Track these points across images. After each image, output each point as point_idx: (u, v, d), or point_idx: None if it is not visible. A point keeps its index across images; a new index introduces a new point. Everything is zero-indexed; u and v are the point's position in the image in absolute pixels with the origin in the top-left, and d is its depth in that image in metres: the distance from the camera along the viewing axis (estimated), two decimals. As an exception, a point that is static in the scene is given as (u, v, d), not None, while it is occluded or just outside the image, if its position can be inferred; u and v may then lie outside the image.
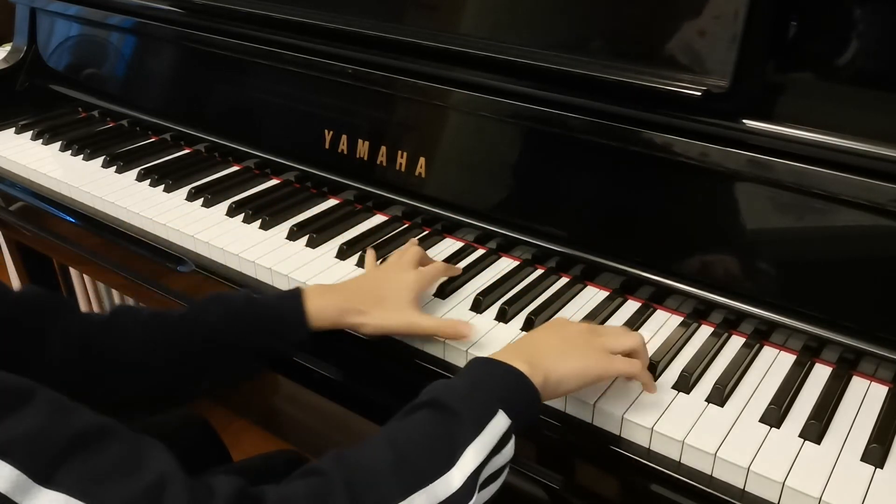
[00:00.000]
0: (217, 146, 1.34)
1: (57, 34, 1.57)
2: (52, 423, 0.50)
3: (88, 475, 0.50)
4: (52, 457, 0.49)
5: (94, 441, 0.52)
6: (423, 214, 1.11)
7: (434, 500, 0.60)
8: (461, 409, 0.65)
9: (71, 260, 1.47)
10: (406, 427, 0.66)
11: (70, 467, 0.49)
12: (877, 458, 0.72)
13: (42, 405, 0.51)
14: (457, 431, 0.64)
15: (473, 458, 0.63)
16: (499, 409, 0.66)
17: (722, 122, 0.85)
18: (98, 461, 0.51)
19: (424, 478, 0.61)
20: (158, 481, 0.52)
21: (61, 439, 0.50)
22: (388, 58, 1.09)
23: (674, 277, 0.92)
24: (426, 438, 0.64)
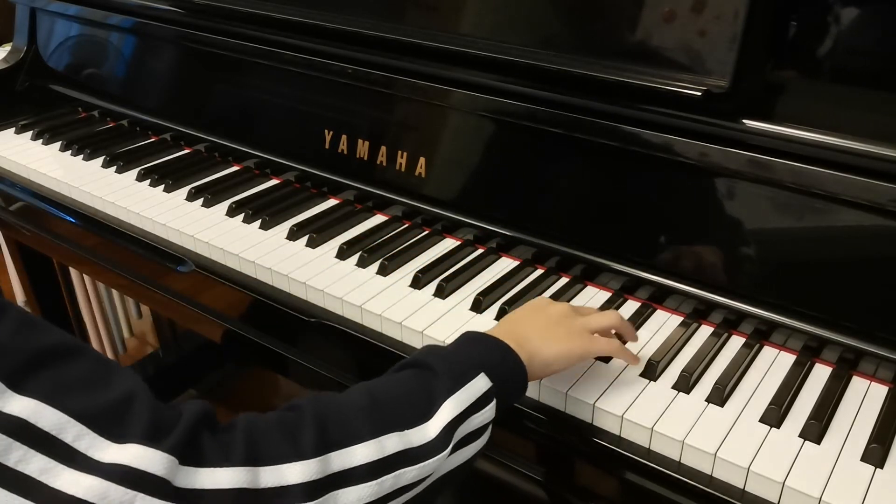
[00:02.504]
0: (217, 146, 1.34)
1: (57, 34, 1.57)
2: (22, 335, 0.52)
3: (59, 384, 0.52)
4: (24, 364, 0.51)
5: (64, 354, 0.54)
6: (423, 214, 1.10)
7: (407, 445, 0.63)
8: (441, 367, 0.67)
9: (71, 260, 1.48)
10: (387, 381, 0.68)
11: (41, 376, 0.51)
12: (877, 458, 0.72)
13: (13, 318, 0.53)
14: (435, 386, 0.66)
15: (449, 411, 0.65)
16: (480, 372, 0.68)
17: (722, 121, 0.85)
18: (68, 373, 0.53)
19: (399, 423, 0.63)
20: (127, 396, 0.54)
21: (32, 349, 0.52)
22: (388, 58, 1.09)
23: (674, 277, 0.92)
24: (404, 390, 0.66)
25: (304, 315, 0.98)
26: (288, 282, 1.01)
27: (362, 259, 1.02)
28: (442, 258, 1.03)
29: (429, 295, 0.96)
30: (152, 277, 1.17)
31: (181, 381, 2.07)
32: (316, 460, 0.58)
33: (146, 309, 2.17)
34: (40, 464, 0.50)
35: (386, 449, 0.62)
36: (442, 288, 0.96)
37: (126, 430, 0.52)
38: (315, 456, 0.59)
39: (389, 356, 0.91)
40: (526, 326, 0.78)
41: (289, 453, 0.58)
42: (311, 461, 0.58)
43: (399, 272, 1.01)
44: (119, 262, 1.22)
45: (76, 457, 0.50)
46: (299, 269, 1.02)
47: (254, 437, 0.58)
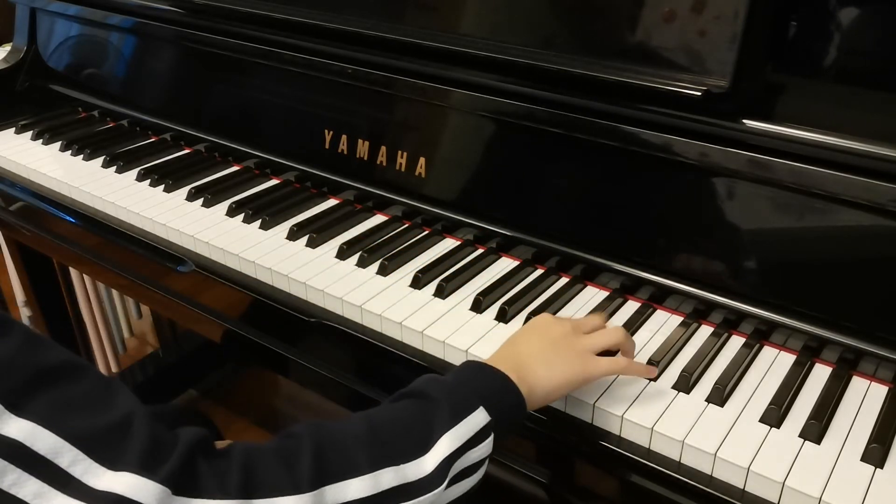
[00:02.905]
0: (217, 146, 1.34)
1: (57, 34, 1.57)
2: (23, 354, 0.52)
3: (57, 406, 0.52)
4: (23, 384, 0.51)
5: (64, 375, 0.53)
6: (423, 214, 1.10)
7: (402, 480, 0.62)
8: (440, 398, 0.67)
9: (71, 260, 1.48)
10: (385, 410, 0.68)
11: (40, 397, 0.51)
12: (877, 458, 0.72)
13: (16, 337, 0.53)
14: (433, 419, 0.65)
15: (447, 445, 0.64)
16: (479, 406, 0.67)
17: (722, 122, 0.85)
18: (67, 394, 0.53)
19: (395, 456, 0.63)
20: (125, 419, 0.53)
21: (32, 369, 0.52)
22: (388, 58, 1.09)
23: (674, 277, 0.92)
24: (403, 421, 0.66)
25: (304, 315, 0.98)
26: (288, 282, 1.01)
27: (362, 259, 1.02)
28: (442, 258, 1.03)
29: (429, 295, 0.96)
30: (152, 277, 1.17)
31: (181, 381, 2.07)
32: (310, 494, 0.58)
33: (146, 309, 2.17)
34: (34, 488, 0.49)
35: (381, 484, 0.61)
36: (442, 288, 0.96)
37: (122, 457, 0.52)
38: (310, 489, 0.58)
39: (389, 356, 0.91)
40: (528, 353, 0.76)
41: (284, 485, 0.58)
42: (306, 495, 0.58)
43: (399, 272, 1.01)
44: (119, 262, 1.22)
45: (71, 482, 0.50)
46: (299, 269, 1.02)
47: (250, 466, 0.57)
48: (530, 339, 0.78)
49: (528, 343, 0.78)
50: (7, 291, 2.16)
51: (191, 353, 2.10)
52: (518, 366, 0.74)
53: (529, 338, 0.79)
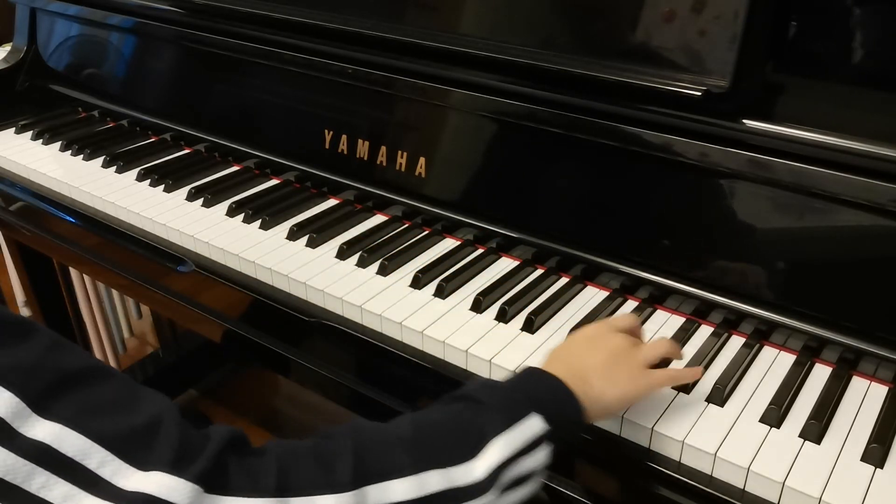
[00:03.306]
0: (217, 146, 1.34)
1: (57, 34, 1.57)
2: (49, 357, 0.52)
3: (84, 408, 0.51)
4: (49, 387, 0.50)
5: (91, 378, 0.53)
6: (423, 214, 1.10)
7: (450, 484, 0.59)
8: (493, 403, 0.63)
9: (71, 260, 1.48)
10: (433, 412, 0.64)
11: (66, 399, 0.50)
12: (877, 458, 0.72)
13: (42, 341, 0.52)
14: (485, 423, 0.62)
15: (499, 452, 0.61)
16: (532, 412, 0.64)
17: (722, 122, 0.85)
18: (94, 396, 0.52)
19: (442, 459, 0.59)
20: (154, 420, 0.52)
21: (58, 372, 0.51)
22: (388, 58, 1.09)
23: (674, 277, 0.92)
24: (451, 424, 0.62)
25: (304, 315, 0.98)
26: (288, 282, 1.01)
27: (362, 259, 1.02)
28: (442, 258, 1.03)
29: (429, 295, 0.96)
30: (152, 277, 1.17)
31: (181, 381, 2.07)
32: (351, 493, 0.55)
33: (146, 309, 2.17)
34: (63, 490, 0.49)
35: (427, 486, 0.58)
36: (442, 288, 0.96)
37: (151, 457, 0.51)
38: (351, 489, 0.56)
39: (389, 356, 0.91)
40: (586, 363, 0.72)
41: (322, 483, 0.55)
42: (346, 494, 0.55)
43: (399, 272, 1.01)
44: (119, 262, 1.22)
45: (99, 483, 0.49)
46: (299, 269, 1.02)
47: (286, 465, 0.55)
48: (588, 350, 0.74)
49: (586, 354, 0.74)
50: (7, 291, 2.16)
51: (191, 353, 2.10)
52: (577, 377, 0.70)
53: (587, 348, 0.75)
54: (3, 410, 0.48)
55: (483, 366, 0.86)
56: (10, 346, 0.51)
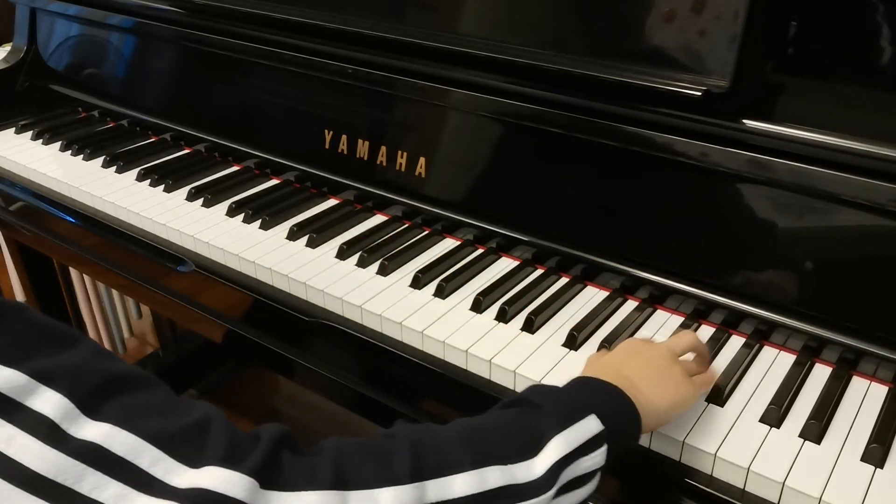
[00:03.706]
0: (217, 146, 1.34)
1: (57, 34, 1.57)
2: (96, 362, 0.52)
3: (133, 409, 0.50)
4: (97, 388, 0.50)
5: (138, 382, 0.52)
6: (423, 214, 1.10)
7: (510, 480, 0.58)
8: (550, 405, 0.63)
9: (71, 260, 1.47)
10: (490, 415, 0.64)
11: (115, 401, 0.50)
12: (877, 458, 0.72)
13: (88, 347, 0.53)
14: (541, 422, 0.62)
15: (557, 449, 0.61)
16: (591, 413, 0.64)
17: (722, 122, 0.85)
18: (142, 399, 0.52)
19: (502, 456, 0.59)
20: (203, 420, 0.52)
21: (105, 375, 0.51)
22: (388, 58, 1.09)
23: (674, 277, 0.92)
24: (508, 425, 0.62)
25: (304, 315, 0.98)
26: (288, 282, 1.01)
27: (362, 259, 1.02)
28: (442, 258, 1.03)
29: (429, 295, 0.96)
30: (152, 277, 1.17)
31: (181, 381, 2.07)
32: (411, 486, 0.55)
33: (146, 309, 2.17)
34: (115, 490, 0.48)
35: (487, 482, 0.57)
36: (442, 288, 0.96)
37: (203, 454, 0.50)
38: (410, 482, 0.55)
39: (389, 356, 0.91)
40: (632, 373, 0.72)
41: (381, 477, 0.54)
42: (406, 486, 0.54)
43: (399, 272, 1.01)
44: (119, 262, 1.22)
45: (152, 482, 0.49)
46: (299, 269, 1.02)
47: (342, 459, 0.55)
48: (632, 362, 0.74)
49: (631, 365, 0.74)
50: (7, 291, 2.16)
51: (191, 353, 2.10)
52: (627, 384, 0.69)
53: (630, 360, 0.75)
54: (53, 412, 0.48)
55: (483, 366, 0.86)
56: (59, 351, 0.51)
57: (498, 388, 0.85)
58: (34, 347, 0.50)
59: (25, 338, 0.51)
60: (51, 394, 0.49)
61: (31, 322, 0.52)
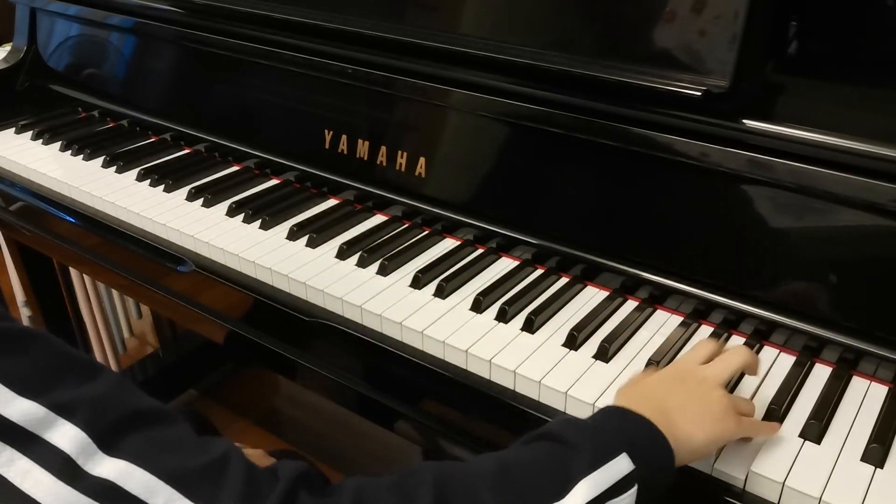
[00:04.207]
0: (217, 146, 1.34)
1: (57, 34, 1.57)
2: (116, 395, 0.51)
3: (150, 445, 0.50)
4: (116, 423, 0.50)
5: (157, 417, 0.52)
6: (423, 214, 1.10)
7: None
8: (579, 442, 0.61)
9: (71, 260, 1.48)
10: (516, 451, 0.62)
11: (133, 437, 0.50)
12: (877, 458, 0.72)
13: (109, 379, 0.52)
14: (571, 463, 0.60)
15: (585, 492, 0.58)
16: (622, 452, 0.61)
17: (722, 121, 0.85)
18: (160, 435, 0.51)
19: (527, 498, 0.57)
20: (221, 457, 0.52)
21: (125, 409, 0.51)
22: (388, 58, 1.09)
23: (674, 277, 0.92)
24: (536, 463, 0.60)
25: (304, 315, 0.98)
26: (288, 282, 1.01)
27: (362, 259, 1.02)
28: (442, 258, 1.03)
29: (429, 295, 0.96)
30: (152, 277, 1.17)
31: (181, 381, 2.07)
32: None
33: (146, 309, 2.17)
34: None
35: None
36: (442, 288, 0.96)
37: (220, 495, 0.50)
38: None
39: (389, 356, 0.91)
40: (672, 403, 0.69)
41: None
42: None
43: (399, 272, 1.01)
44: (119, 262, 1.22)
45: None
46: (299, 269, 1.02)
47: (362, 498, 0.54)
48: (676, 391, 0.71)
49: (671, 393, 0.70)
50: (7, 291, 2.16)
51: (191, 353, 2.10)
52: (663, 417, 0.66)
53: (674, 389, 0.71)
54: (69, 446, 0.48)
55: (483, 366, 0.86)
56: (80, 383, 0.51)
57: (498, 388, 0.85)
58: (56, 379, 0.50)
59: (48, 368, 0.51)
60: (69, 427, 0.48)
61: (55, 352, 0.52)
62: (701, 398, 0.70)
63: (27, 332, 0.52)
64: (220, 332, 1.11)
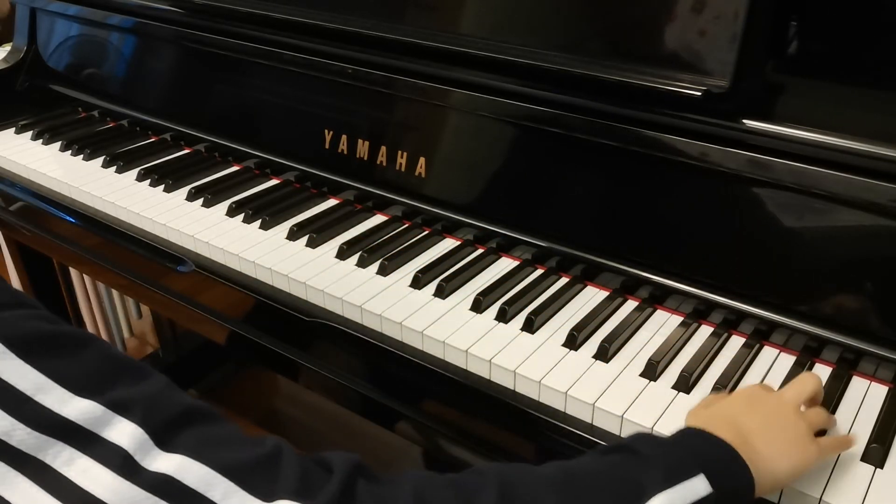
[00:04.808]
0: (217, 146, 1.34)
1: (57, 34, 1.57)
2: (168, 395, 0.52)
3: (205, 440, 0.51)
4: (170, 420, 0.51)
5: (209, 415, 0.53)
6: (423, 214, 1.10)
7: None
8: (654, 457, 0.58)
9: (71, 260, 1.47)
10: (586, 460, 0.60)
11: (187, 432, 0.51)
12: (877, 458, 0.72)
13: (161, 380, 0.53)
14: (644, 477, 0.57)
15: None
16: (699, 473, 0.58)
17: (722, 122, 0.85)
18: (214, 430, 0.52)
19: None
20: (274, 451, 0.52)
21: (178, 407, 0.52)
22: (388, 58, 1.09)
23: (674, 277, 0.92)
24: (606, 474, 0.58)
25: (304, 315, 0.98)
26: (288, 282, 1.01)
27: (362, 259, 1.02)
28: (442, 258, 1.03)
29: (429, 295, 0.96)
30: (152, 277, 1.17)
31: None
32: None
33: (146, 309, 2.17)
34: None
35: None
36: (442, 288, 0.96)
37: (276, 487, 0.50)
38: None
39: (389, 356, 0.91)
40: (750, 429, 0.65)
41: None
42: None
43: (399, 272, 1.01)
44: (119, 262, 1.22)
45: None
46: (299, 269, 1.01)
47: (422, 493, 0.53)
48: (751, 415, 0.67)
49: (749, 418, 0.67)
50: (7, 291, 2.15)
51: (191, 353, 2.10)
52: (742, 441, 0.63)
53: (749, 413, 0.68)
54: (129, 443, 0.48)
55: (483, 366, 0.86)
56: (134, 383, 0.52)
57: (498, 388, 0.85)
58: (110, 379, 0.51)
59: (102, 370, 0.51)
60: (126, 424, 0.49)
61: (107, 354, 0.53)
62: (780, 423, 0.67)
63: (80, 335, 0.52)
64: (221, 332, 1.11)
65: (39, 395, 0.48)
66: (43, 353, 0.50)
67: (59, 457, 0.48)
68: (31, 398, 0.48)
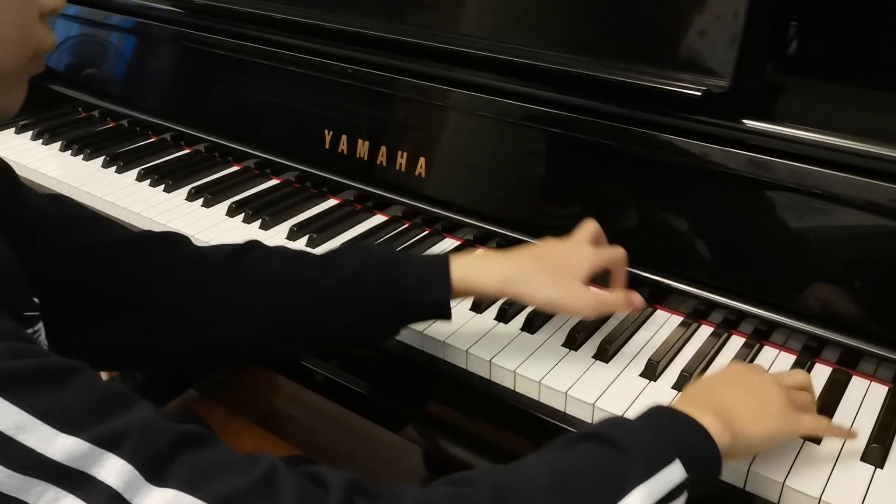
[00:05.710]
0: (217, 146, 1.34)
1: (57, 34, 1.57)
2: (156, 422, 0.50)
3: (198, 470, 0.49)
4: (160, 451, 0.49)
5: (199, 440, 0.51)
6: (423, 214, 1.10)
7: None
8: (634, 448, 0.59)
9: (71, 260, 1.47)
10: (570, 455, 0.61)
11: (178, 462, 0.49)
12: (877, 458, 0.72)
13: (147, 407, 0.52)
14: (626, 470, 0.58)
15: (640, 501, 0.58)
16: (675, 458, 0.60)
17: (722, 122, 0.85)
18: (206, 457, 0.50)
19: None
20: (268, 472, 0.51)
21: (167, 435, 0.50)
22: (388, 58, 1.09)
23: (674, 277, 0.92)
24: (591, 471, 0.59)
25: (304, 315, 0.98)
26: (288, 282, 1.00)
27: (362, 259, 1.02)
28: (442, 258, 1.02)
29: (429, 295, 0.96)
30: (152, 277, 1.17)
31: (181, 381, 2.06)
32: None
33: (146, 309, 2.17)
34: None
35: None
36: (442, 288, 0.96)
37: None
38: None
39: (389, 356, 0.91)
40: (729, 398, 0.68)
41: None
42: None
43: (399, 272, 1.01)
44: (119, 262, 1.22)
45: None
46: (299, 269, 1.01)
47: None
48: (732, 386, 0.71)
49: (729, 389, 0.71)
50: (7, 291, 2.15)
51: (191, 352, 2.09)
52: (720, 411, 0.66)
53: (729, 384, 0.72)
54: (117, 481, 0.47)
55: (483, 366, 0.86)
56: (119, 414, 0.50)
57: (498, 388, 0.85)
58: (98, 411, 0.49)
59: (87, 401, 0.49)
60: (114, 460, 0.47)
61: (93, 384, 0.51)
62: (760, 394, 0.70)
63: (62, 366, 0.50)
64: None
65: (22, 436, 0.46)
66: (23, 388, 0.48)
67: (42, 497, 0.46)
68: (12, 438, 0.46)
